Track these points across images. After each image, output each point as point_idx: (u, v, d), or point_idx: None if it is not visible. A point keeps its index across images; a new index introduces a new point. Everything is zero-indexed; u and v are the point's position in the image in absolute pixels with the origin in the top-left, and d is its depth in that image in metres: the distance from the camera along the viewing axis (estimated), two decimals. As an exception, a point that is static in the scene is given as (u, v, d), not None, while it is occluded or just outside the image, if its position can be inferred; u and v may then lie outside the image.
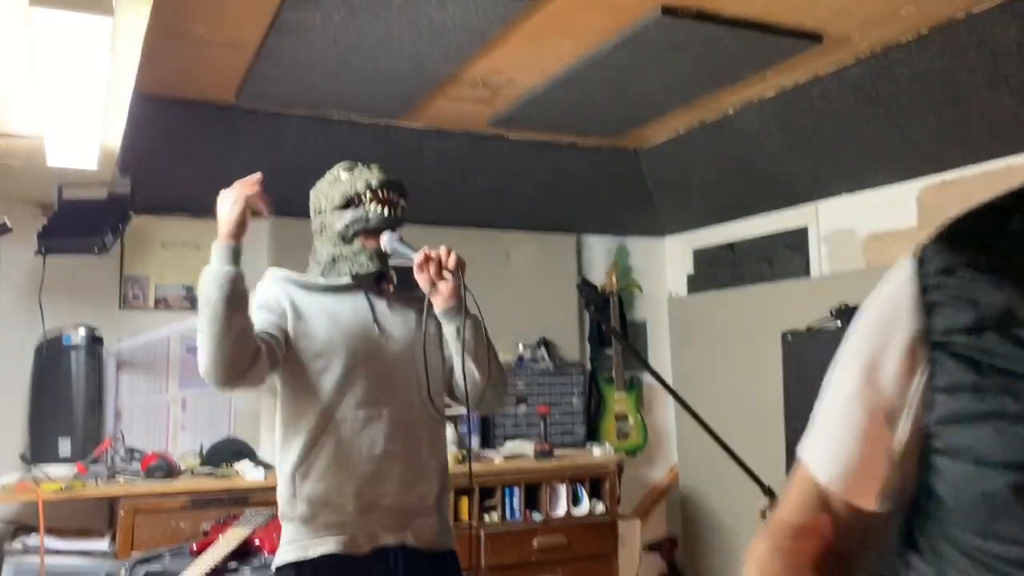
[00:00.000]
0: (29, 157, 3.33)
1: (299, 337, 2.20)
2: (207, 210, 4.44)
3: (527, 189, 5.00)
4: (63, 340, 4.11)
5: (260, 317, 2.18)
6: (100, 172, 3.60)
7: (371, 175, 2.30)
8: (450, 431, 4.13)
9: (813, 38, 3.37)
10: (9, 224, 3.29)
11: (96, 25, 2.03)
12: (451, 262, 2.18)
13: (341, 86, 3.78)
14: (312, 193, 2.42)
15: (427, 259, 2.18)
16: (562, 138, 4.69)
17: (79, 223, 3.88)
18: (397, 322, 2.32)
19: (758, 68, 3.67)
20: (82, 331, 4.13)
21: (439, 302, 2.20)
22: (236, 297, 2.02)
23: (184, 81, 3.75)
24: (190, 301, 4.53)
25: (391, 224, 2.29)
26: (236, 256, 2.08)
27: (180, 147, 4.15)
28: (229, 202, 2.12)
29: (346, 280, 2.29)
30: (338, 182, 2.33)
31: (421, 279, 2.20)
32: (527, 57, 3.57)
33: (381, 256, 2.30)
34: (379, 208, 2.27)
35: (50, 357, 4.10)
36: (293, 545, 2.17)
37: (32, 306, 4.15)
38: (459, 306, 2.20)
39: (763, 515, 2.16)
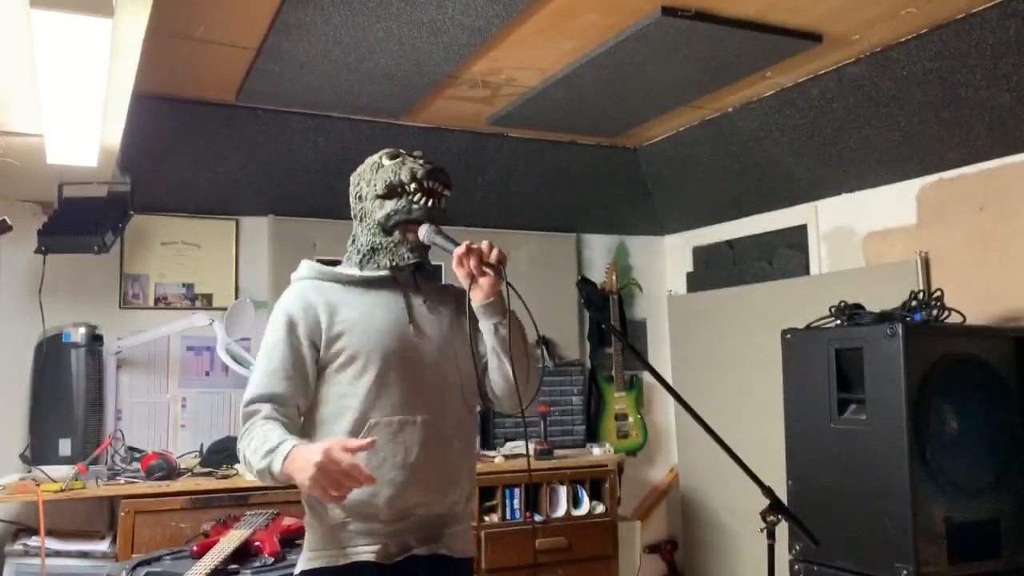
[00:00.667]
0: (29, 155, 3.33)
1: (334, 343, 2.12)
2: (207, 209, 4.53)
3: (527, 188, 5.00)
4: (63, 339, 4.11)
5: (283, 365, 2.09)
6: (100, 171, 3.60)
7: (416, 164, 2.20)
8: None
9: (813, 38, 3.38)
10: (9, 222, 3.28)
11: (96, 27, 2.03)
12: (493, 256, 2.09)
13: (341, 85, 3.78)
14: (353, 178, 2.33)
15: (468, 252, 2.08)
16: (562, 137, 4.69)
17: (79, 222, 3.87)
18: (432, 320, 2.24)
19: (758, 68, 3.67)
20: (82, 330, 4.13)
21: (478, 297, 2.13)
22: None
23: (184, 80, 3.75)
24: (190, 300, 4.53)
25: (435, 216, 2.19)
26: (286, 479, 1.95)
27: (180, 146, 4.15)
28: (310, 474, 1.82)
29: (384, 273, 2.21)
30: (381, 169, 2.23)
31: (460, 273, 2.11)
32: (527, 57, 3.57)
33: (421, 248, 2.22)
34: (423, 199, 2.17)
35: (50, 356, 4.10)
36: (321, 553, 2.10)
37: (32, 305, 4.15)
38: (499, 302, 2.14)
39: (763, 516, 2.15)
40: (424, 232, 2.17)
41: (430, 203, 2.18)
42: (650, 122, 4.45)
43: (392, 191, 2.19)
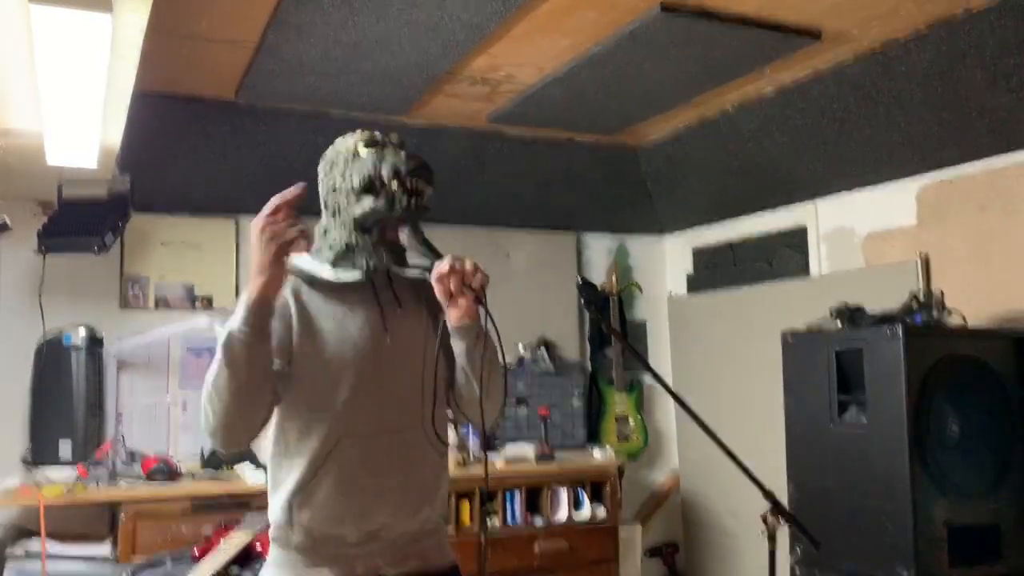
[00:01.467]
0: (29, 156, 3.33)
1: (305, 351, 1.96)
2: (207, 208, 4.52)
3: (526, 188, 5.00)
4: (63, 340, 4.11)
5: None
6: (100, 170, 3.60)
7: (398, 158, 2.00)
8: (451, 434, 4.12)
9: (812, 35, 3.38)
10: (9, 223, 3.28)
11: (96, 23, 2.03)
12: (477, 281, 1.93)
13: (340, 83, 3.78)
14: (322, 164, 2.16)
15: (451, 271, 1.92)
16: (561, 135, 4.69)
17: (79, 222, 3.87)
18: (406, 328, 2.08)
19: (757, 65, 3.67)
20: (82, 331, 4.13)
21: (454, 316, 1.98)
22: (250, 367, 1.81)
23: (184, 79, 3.75)
24: (190, 301, 4.53)
25: (415, 217, 2.01)
26: (260, 319, 1.82)
27: (180, 145, 4.15)
28: (263, 240, 1.80)
29: (358, 277, 2.03)
30: (357, 159, 2.05)
31: (438, 288, 1.95)
32: (526, 54, 3.57)
33: (400, 250, 2.08)
34: (406, 198, 1.98)
35: (50, 357, 4.09)
36: (285, 569, 1.97)
37: (32, 305, 4.15)
38: (475, 325, 1.99)
39: (764, 519, 2.14)
40: (406, 237, 2.03)
41: (413, 202, 2.00)
42: (649, 120, 4.45)
43: (371, 186, 2.01)
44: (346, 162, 2.08)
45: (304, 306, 2.00)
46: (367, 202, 2.02)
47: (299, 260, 2.06)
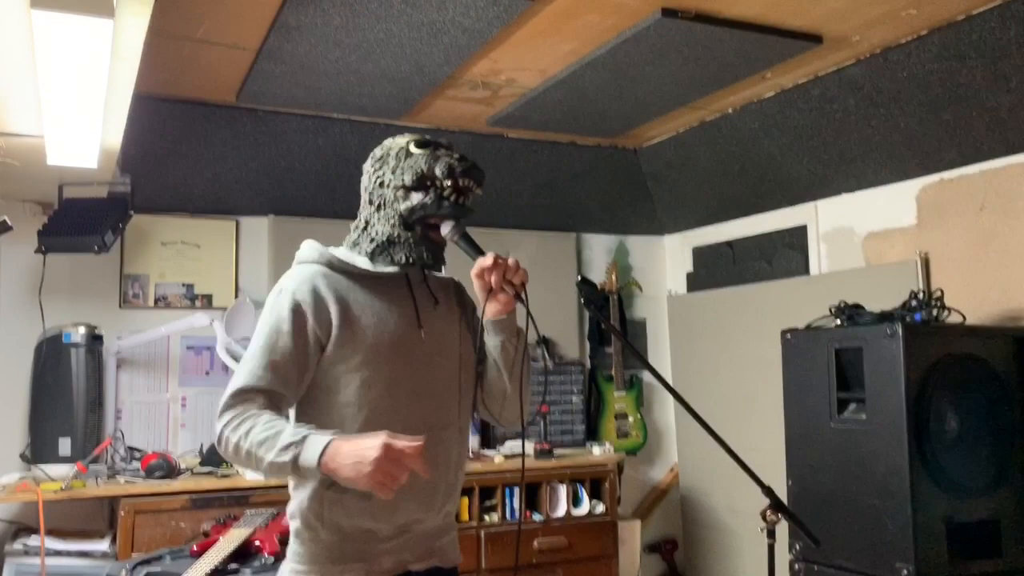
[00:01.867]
0: (30, 156, 3.33)
1: (343, 345, 1.95)
2: (207, 209, 4.53)
3: (527, 188, 5.00)
4: (63, 338, 4.10)
5: (285, 360, 1.91)
6: (100, 171, 3.60)
7: (452, 159, 2.02)
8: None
9: (813, 39, 3.38)
10: (9, 223, 3.28)
11: (97, 27, 2.03)
12: (519, 278, 1.98)
13: (341, 86, 3.78)
14: (372, 162, 2.14)
15: (495, 266, 1.96)
16: (562, 137, 4.70)
17: (79, 222, 3.88)
18: (440, 319, 2.10)
19: (758, 69, 3.67)
20: (82, 330, 4.13)
21: (492, 311, 2.03)
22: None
23: (184, 81, 3.75)
24: (190, 300, 4.54)
25: (461, 215, 2.04)
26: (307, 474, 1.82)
27: (180, 147, 4.16)
28: (373, 471, 1.71)
29: (395, 271, 2.04)
30: (410, 157, 2.05)
31: (477, 283, 2.00)
32: (527, 58, 3.57)
33: (440, 247, 2.08)
34: (455, 196, 2.02)
35: (50, 355, 4.10)
36: (311, 568, 1.94)
37: (32, 305, 4.16)
38: (512, 322, 2.04)
39: (763, 516, 2.15)
40: (448, 231, 2.03)
41: (461, 200, 2.03)
42: (650, 123, 4.45)
43: (421, 183, 2.02)
44: (398, 158, 2.07)
45: (345, 302, 1.99)
46: (416, 197, 2.03)
47: (336, 251, 2.08)
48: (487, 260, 1.97)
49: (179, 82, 3.77)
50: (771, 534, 2.19)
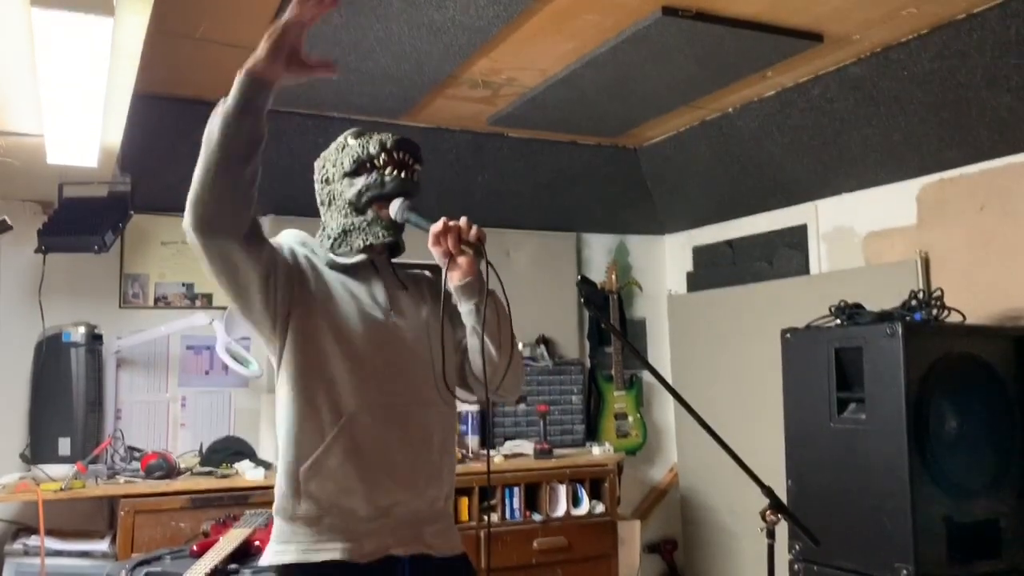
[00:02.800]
0: (29, 155, 3.33)
1: (320, 312, 1.98)
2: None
3: (527, 188, 5.00)
4: (63, 338, 4.10)
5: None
6: (100, 171, 3.60)
7: (384, 136, 2.10)
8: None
9: (813, 38, 3.38)
10: (9, 222, 3.29)
11: (97, 26, 2.03)
12: (472, 234, 1.98)
13: (341, 86, 3.78)
14: (317, 163, 2.23)
15: (447, 230, 1.97)
16: (562, 137, 4.69)
17: (79, 221, 3.88)
18: (409, 303, 2.12)
19: (758, 68, 3.67)
20: (82, 329, 4.12)
21: (456, 277, 2.03)
22: (241, 144, 1.88)
23: (184, 80, 3.75)
24: (190, 299, 4.54)
25: (408, 189, 2.08)
26: (260, 95, 1.86)
27: (180, 146, 4.14)
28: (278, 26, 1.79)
29: (360, 258, 2.08)
30: (347, 147, 2.13)
31: (436, 251, 2.01)
32: (528, 57, 3.57)
33: (396, 226, 2.11)
34: (395, 171, 2.07)
35: (50, 355, 4.09)
36: (292, 546, 1.95)
37: (32, 304, 4.15)
38: (478, 282, 2.03)
39: (763, 516, 2.15)
40: (397, 208, 2.07)
41: (403, 175, 2.08)
42: (650, 122, 4.45)
43: (361, 167, 2.09)
44: (337, 151, 2.16)
45: (319, 271, 2.05)
46: (360, 181, 2.09)
47: (310, 240, 2.15)
48: (438, 226, 1.99)
49: (179, 81, 3.76)
50: (771, 534, 2.18)
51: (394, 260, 2.21)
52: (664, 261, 5.80)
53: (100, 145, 3.15)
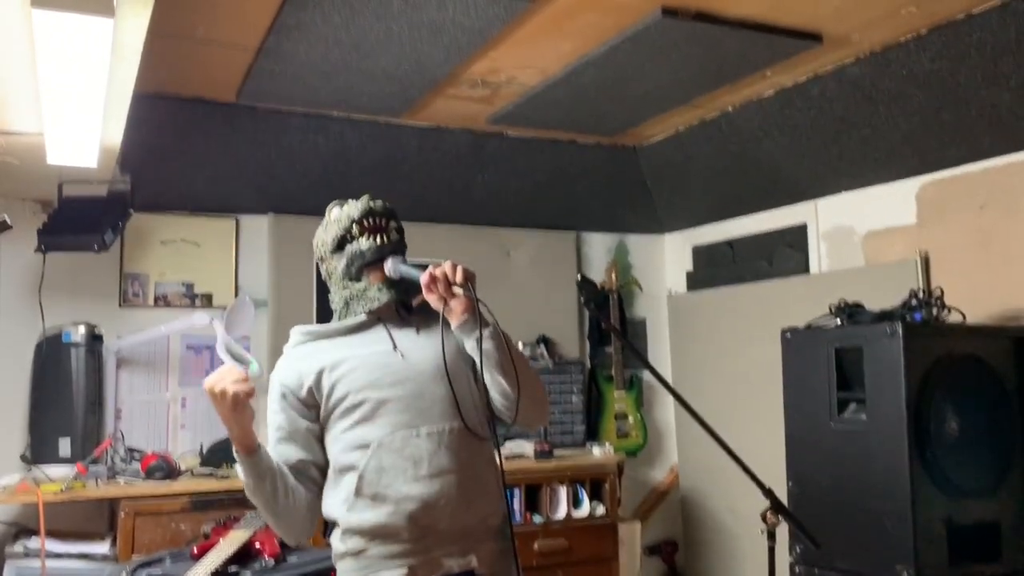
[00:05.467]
0: (29, 155, 3.33)
1: (334, 392, 2.11)
2: (207, 208, 4.52)
3: (527, 187, 5.00)
4: (63, 338, 4.10)
5: (283, 430, 2.15)
6: (100, 170, 3.59)
7: (353, 208, 2.21)
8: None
9: (813, 38, 3.38)
10: (9, 221, 3.28)
11: (97, 26, 2.03)
12: (459, 276, 2.06)
13: (341, 85, 3.78)
14: (313, 244, 2.35)
15: (433, 280, 2.07)
16: (562, 136, 4.69)
17: (79, 220, 3.87)
18: (422, 345, 2.19)
19: (758, 68, 3.67)
20: (82, 329, 4.12)
21: (454, 319, 2.10)
22: (258, 491, 2.07)
23: (184, 80, 3.75)
24: (190, 298, 4.53)
25: (387, 251, 2.18)
26: (249, 464, 2.06)
27: (180, 145, 4.15)
28: (217, 398, 2.02)
29: (361, 318, 2.20)
30: (329, 225, 2.26)
31: (431, 299, 2.10)
32: (527, 57, 3.57)
33: (391, 284, 2.19)
34: (369, 238, 2.18)
35: (50, 355, 4.09)
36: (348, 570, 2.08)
37: (32, 304, 4.15)
38: (474, 319, 2.08)
39: (763, 518, 2.15)
40: (390, 266, 2.17)
41: (378, 240, 2.18)
42: (650, 122, 4.45)
43: (343, 241, 2.21)
44: (323, 231, 2.29)
45: (324, 360, 2.15)
46: (344, 255, 2.21)
47: (312, 329, 2.26)
48: (425, 277, 2.09)
49: (179, 81, 3.76)
50: (771, 536, 2.19)
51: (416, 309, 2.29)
52: (664, 260, 5.80)
53: (100, 145, 3.14)
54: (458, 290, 2.07)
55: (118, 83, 2.52)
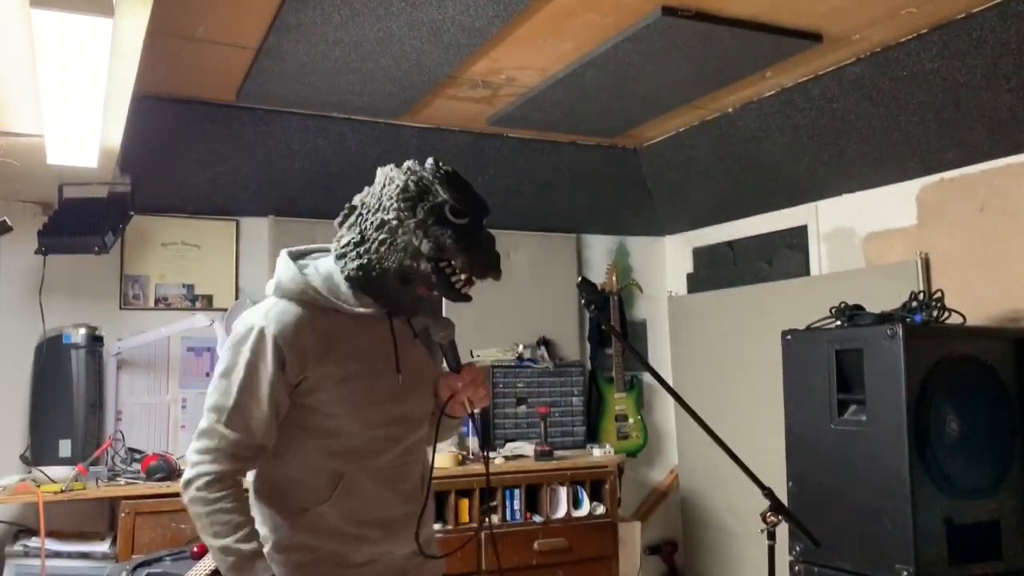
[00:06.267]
0: (29, 156, 3.33)
1: (319, 379, 1.93)
2: (207, 209, 4.53)
3: (527, 189, 5.00)
4: (63, 339, 4.10)
5: (271, 409, 1.91)
6: (100, 171, 3.60)
7: (478, 255, 1.92)
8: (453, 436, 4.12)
9: (813, 38, 3.38)
10: (9, 223, 3.28)
11: (97, 26, 2.03)
12: (478, 407, 2.19)
13: (341, 86, 3.78)
14: (397, 192, 1.97)
15: (465, 389, 2.14)
16: (562, 137, 4.69)
17: (79, 222, 3.87)
18: (418, 359, 2.12)
19: (758, 68, 3.67)
20: (82, 331, 4.13)
21: (450, 410, 2.18)
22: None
23: (184, 80, 3.75)
24: (190, 300, 4.53)
25: (461, 300, 1.97)
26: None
27: (180, 146, 4.15)
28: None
29: (375, 311, 1.99)
30: (442, 225, 1.92)
31: (444, 391, 2.15)
32: (527, 57, 3.57)
33: (423, 303, 2.08)
34: (462, 288, 1.94)
35: (50, 356, 4.09)
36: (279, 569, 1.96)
37: (32, 305, 4.15)
38: (459, 424, 2.29)
39: (764, 518, 2.15)
40: (439, 336, 2.07)
41: (464, 291, 1.95)
42: (650, 122, 4.45)
43: (439, 261, 1.92)
44: (428, 215, 1.93)
45: (319, 334, 1.95)
46: (425, 267, 1.93)
47: (319, 274, 2.01)
48: (458, 383, 2.12)
49: (179, 81, 3.76)
50: (771, 536, 2.19)
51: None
52: (664, 262, 5.80)
53: (100, 145, 3.14)
54: (467, 406, 2.16)
55: (118, 83, 2.52)
